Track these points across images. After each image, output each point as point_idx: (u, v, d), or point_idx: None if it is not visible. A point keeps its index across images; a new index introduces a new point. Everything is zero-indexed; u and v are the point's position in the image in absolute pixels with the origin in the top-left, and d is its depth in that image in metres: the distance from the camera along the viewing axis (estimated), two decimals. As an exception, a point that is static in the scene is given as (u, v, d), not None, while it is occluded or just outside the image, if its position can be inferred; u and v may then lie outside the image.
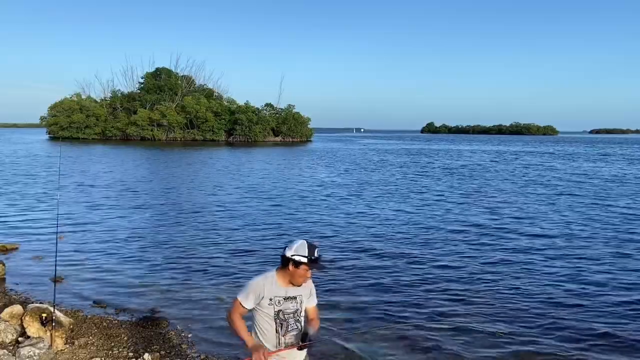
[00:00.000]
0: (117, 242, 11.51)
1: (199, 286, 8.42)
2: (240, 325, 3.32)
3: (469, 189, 22.73)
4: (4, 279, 8.52)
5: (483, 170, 33.66)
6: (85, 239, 11.79)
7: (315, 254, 3.26)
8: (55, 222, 7.01)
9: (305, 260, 3.23)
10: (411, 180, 26.40)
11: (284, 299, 3.33)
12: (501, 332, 6.48)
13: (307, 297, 3.49)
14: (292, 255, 3.25)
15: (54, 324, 5.64)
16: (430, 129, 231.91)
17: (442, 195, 20.47)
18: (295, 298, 3.38)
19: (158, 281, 8.67)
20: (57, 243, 6.56)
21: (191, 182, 24.33)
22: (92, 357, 5.51)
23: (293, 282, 3.34)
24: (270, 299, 3.30)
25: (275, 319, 3.32)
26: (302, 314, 3.44)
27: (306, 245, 3.28)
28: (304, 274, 3.28)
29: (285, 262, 3.29)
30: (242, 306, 3.32)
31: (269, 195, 19.79)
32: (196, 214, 15.41)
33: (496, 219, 14.87)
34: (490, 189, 22.75)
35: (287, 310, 3.34)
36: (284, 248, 3.33)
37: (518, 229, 13.53)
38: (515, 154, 54.42)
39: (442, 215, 15.62)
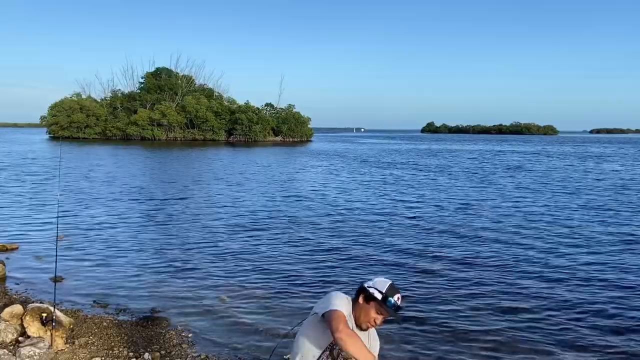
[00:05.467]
0: (117, 242, 11.51)
1: (199, 286, 8.41)
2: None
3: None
4: (4, 279, 8.52)
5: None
6: (85, 238, 11.79)
7: (395, 299, 2.83)
8: (56, 222, 7.01)
9: (379, 296, 2.83)
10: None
11: None
12: None
13: (368, 343, 2.96)
14: (368, 287, 2.90)
15: (54, 323, 5.64)
16: (430, 128, 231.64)
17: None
18: None
19: (158, 281, 8.67)
20: (57, 243, 6.58)
21: (194, 182, 24.34)
22: (92, 357, 5.52)
23: (357, 322, 2.89)
24: None
25: (328, 350, 2.80)
26: None
27: (388, 284, 2.89)
28: (373, 315, 2.85)
29: (358, 293, 2.94)
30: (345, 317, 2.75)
31: (284, 198, 19.80)
32: (198, 214, 15.43)
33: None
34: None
35: (344, 355, 2.76)
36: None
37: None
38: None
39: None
